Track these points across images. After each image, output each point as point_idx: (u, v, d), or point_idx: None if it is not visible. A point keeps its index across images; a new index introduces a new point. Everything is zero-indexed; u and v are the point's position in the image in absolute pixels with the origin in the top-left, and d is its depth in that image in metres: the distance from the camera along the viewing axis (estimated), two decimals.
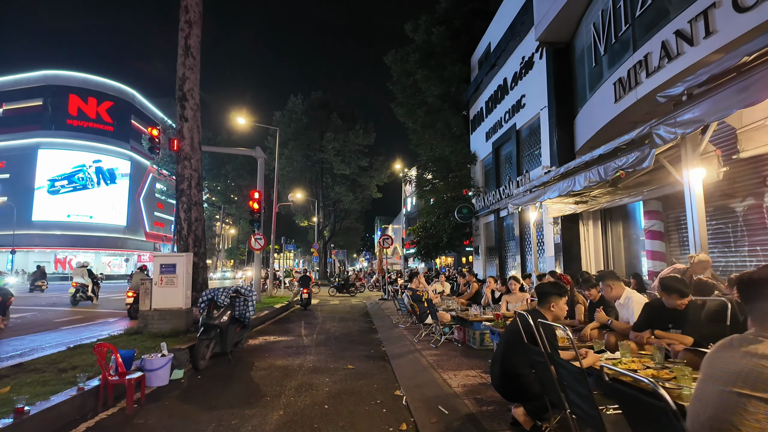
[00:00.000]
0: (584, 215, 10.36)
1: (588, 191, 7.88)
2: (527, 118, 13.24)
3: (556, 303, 3.02)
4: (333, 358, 6.56)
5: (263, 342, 8.08)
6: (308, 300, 15.46)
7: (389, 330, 8.97)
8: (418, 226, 20.94)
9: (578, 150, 10.25)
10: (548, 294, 3.04)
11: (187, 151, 9.40)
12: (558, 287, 3.07)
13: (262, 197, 15.80)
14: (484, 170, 17.90)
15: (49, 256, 50.18)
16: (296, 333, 9.29)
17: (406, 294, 8.87)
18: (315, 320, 11.71)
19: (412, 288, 7.00)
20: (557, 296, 3.03)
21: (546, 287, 3.09)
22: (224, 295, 6.15)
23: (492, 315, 6.18)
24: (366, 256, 49.43)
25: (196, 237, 9.28)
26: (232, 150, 22.00)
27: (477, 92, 17.92)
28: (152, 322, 7.77)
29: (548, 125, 11.34)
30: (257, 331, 9.48)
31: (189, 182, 9.35)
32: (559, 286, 3.07)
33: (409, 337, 7.52)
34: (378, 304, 15.81)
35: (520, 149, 13.94)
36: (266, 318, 11.46)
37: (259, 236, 15.68)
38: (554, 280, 5.56)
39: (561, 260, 10.36)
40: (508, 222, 15.32)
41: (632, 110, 7.59)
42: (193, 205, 9.34)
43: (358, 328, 9.96)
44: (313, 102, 40.93)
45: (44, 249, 50.13)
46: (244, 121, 20.69)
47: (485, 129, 16.97)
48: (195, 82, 9.63)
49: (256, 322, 10.39)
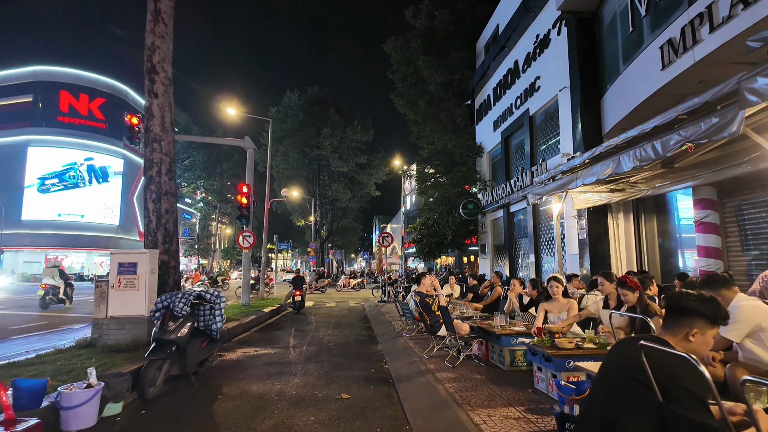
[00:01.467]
0: (614, 207, 9.09)
1: (630, 176, 6.61)
2: (542, 102, 11.98)
3: (702, 331, 1.71)
4: (324, 380, 5.26)
5: (241, 356, 6.78)
6: (301, 303, 14.17)
7: (392, 340, 7.67)
8: (419, 223, 19.66)
9: (606, 133, 8.98)
10: (690, 313, 1.72)
11: (157, 132, 8.09)
12: (710, 304, 1.73)
13: (251, 191, 14.50)
14: (492, 163, 16.63)
15: (39, 256, 48.73)
16: (283, 343, 7.99)
17: (412, 298, 7.60)
18: (307, 326, 10.42)
19: (420, 292, 5.72)
20: (705, 320, 1.71)
21: (689, 301, 1.73)
22: (183, 301, 4.85)
23: (523, 326, 4.90)
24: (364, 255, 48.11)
25: (167, 232, 7.98)
26: (218, 140, 20.69)
27: (483, 79, 16.65)
28: (108, 332, 6.47)
29: (570, 107, 10.07)
30: (239, 341, 8.18)
31: (159, 168, 8.06)
32: (712, 304, 1.74)
33: (416, 350, 6.23)
34: (377, 307, 14.51)
35: (534, 137, 12.67)
36: (252, 324, 10.15)
37: (248, 233, 14.37)
38: (608, 282, 4.27)
39: (587, 259, 9.09)
40: (519, 218, 14.05)
41: (683, 78, 6.34)
42: (164, 195, 8.04)
43: (356, 337, 8.67)
44: (309, 97, 39.67)
45: (34, 249, 48.74)
46: (234, 111, 19.38)
47: (493, 118, 15.70)
48: (167, 52, 8.33)
49: (239, 329, 9.10)
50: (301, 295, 14.03)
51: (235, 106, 19.92)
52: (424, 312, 5.63)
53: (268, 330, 9.83)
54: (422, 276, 5.78)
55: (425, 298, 5.59)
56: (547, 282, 4.92)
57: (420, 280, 5.80)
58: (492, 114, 15.88)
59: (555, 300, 4.76)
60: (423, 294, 5.66)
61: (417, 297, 5.73)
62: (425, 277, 5.85)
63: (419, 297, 5.65)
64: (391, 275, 22.11)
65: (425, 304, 5.56)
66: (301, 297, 14.07)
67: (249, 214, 14.43)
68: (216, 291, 5.43)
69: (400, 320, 9.48)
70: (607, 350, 3.51)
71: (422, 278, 5.86)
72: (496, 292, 7.91)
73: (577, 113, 9.56)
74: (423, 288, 5.79)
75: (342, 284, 26.41)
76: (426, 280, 5.86)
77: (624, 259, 8.95)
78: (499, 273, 8.23)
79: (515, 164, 14.30)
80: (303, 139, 37.49)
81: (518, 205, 13.43)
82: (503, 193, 13.81)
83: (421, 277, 5.83)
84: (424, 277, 5.84)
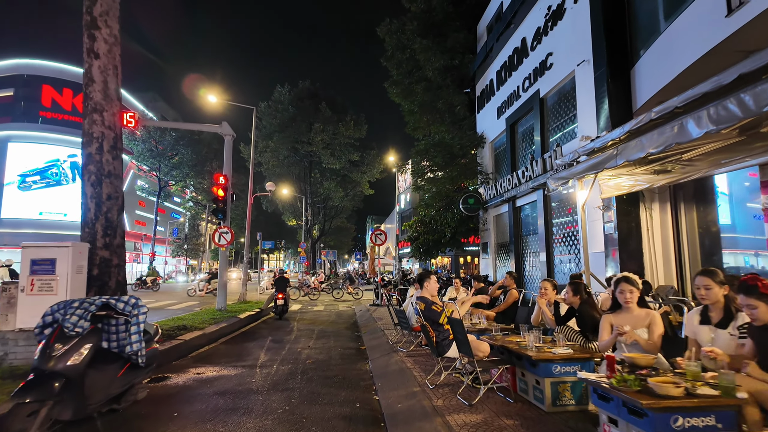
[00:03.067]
0: (646, 195, 7.73)
1: (688, 149, 5.21)
2: (555, 80, 10.60)
3: None
4: (288, 424, 3.79)
5: (190, 380, 5.28)
6: (284, 307, 12.67)
7: (385, 356, 6.22)
8: (415, 220, 18.23)
9: (638, 109, 7.61)
10: None
11: (98, 101, 6.60)
12: None
13: (228, 182, 12.99)
14: (494, 154, 15.24)
15: (19, 256, 46.76)
16: (251, 360, 6.51)
17: (411, 305, 6.16)
18: (287, 336, 8.94)
19: (424, 298, 4.27)
20: None
21: None
22: (79, 314, 3.38)
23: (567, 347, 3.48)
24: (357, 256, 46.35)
25: (109, 222, 6.49)
26: (193, 126, 19.17)
27: (485, 62, 15.27)
28: (15, 349, 4.99)
29: (591, 83, 8.71)
30: (196, 357, 6.68)
31: (100, 144, 6.57)
32: None
33: (416, 374, 4.79)
34: (369, 312, 13.06)
35: (545, 121, 11.29)
36: (220, 334, 8.65)
37: (225, 230, 12.86)
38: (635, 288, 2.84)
39: (614, 258, 7.71)
40: (527, 212, 12.66)
41: (759, 24, 4.98)
42: (106, 177, 6.55)
43: (342, 351, 7.20)
44: (300, 92, 38.16)
45: (15, 249, 46.61)
46: (216, 99, 17.88)
47: (496, 104, 14.32)
48: (111, 4, 6.84)
49: (202, 341, 7.61)
50: (284, 298, 12.52)
51: (218, 94, 18.45)
52: (427, 324, 4.19)
53: (238, 341, 8.34)
54: (425, 277, 4.33)
55: (431, 306, 4.14)
56: (614, 284, 3.47)
57: (423, 281, 4.36)
58: (495, 100, 14.50)
59: (627, 310, 3.29)
60: (428, 301, 4.20)
61: (419, 304, 4.28)
62: (429, 278, 4.39)
63: (423, 304, 4.20)
64: (385, 276, 20.64)
65: (431, 315, 4.11)
66: (284, 301, 12.57)
67: (226, 208, 12.92)
68: (134, 298, 3.96)
69: (395, 330, 8.05)
70: (738, 397, 2.09)
71: (425, 280, 4.38)
72: (511, 297, 6.50)
73: (603, 87, 8.19)
74: (427, 292, 4.33)
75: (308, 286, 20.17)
76: (430, 283, 4.40)
77: (660, 257, 7.58)
78: (512, 273, 6.82)
79: (522, 153, 12.92)
80: (293, 135, 35.95)
81: (526, 198, 12.05)
82: (509, 185, 12.42)
83: (424, 278, 4.37)
84: (428, 278, 4.38)
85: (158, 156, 42.79)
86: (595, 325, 3.91)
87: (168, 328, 7.51)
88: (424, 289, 4.38)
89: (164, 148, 42.73)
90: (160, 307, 14.94)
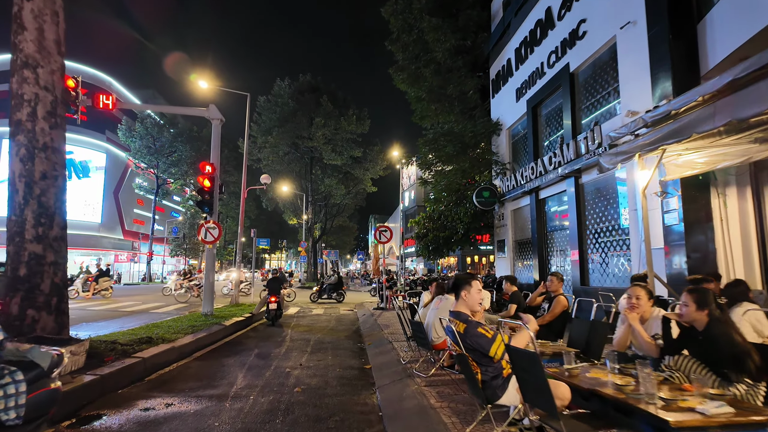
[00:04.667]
0: (719, 178, 6.26)
1: None
2: (590, 51, 9.16)
3: None
4: None
5: (128, 425, 3.78)
6: (278, 312, 11.23)
7: (398, 383, 4.75)
8: (422, 216, 16.78)
9: (710, 70, 6.14)
10: None
11: (30, 53, 5.18)
12: None
13: (215, 172, 11.56)
14: (512, 141, 13.78)
15: None
16: (223, 386, 5.06)
17: (442, 322, 4.69)
18: (276, 349, 7.51)
19: (463, 315, 2.81)
20: None
21: None
22: None
23: (731, 406, 2.04)
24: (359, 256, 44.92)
25: (43, 209, 5.07)
26: (178, 109, 17.76)
27: (502, 40, 13.82)
28: None
29: (644, 45, 7.24)
30: (154, 383, 5.23)
31: (32, 109, 5.14)
32: None
33: (447, 420, 3.21)
34: (373, 317, 11.61)
35: (577, 99, 9.83)
36: (197, 346, 7.21)
37: (212, 225, 11.42)
38: None
39: (679, 255, 6.23)
40: (552, 205, 11.19)
41: None
42: (40, 151, 5.12)
43: (341, 372, 5.74)
44: (301, 86, 36.73)
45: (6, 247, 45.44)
46: (207, 84, 16.47)
47: (515, 85, 12.86)
48: None
49: (171, 356, 6.17)
50: (277, 302, 11.07)
51: (210, 80, 17.05)
52: (469, 355, 2.71)
53: (216, 356, 6.89)
54: (464, 283, 2.80)
55: (476, 330, 2.66)
56: None
57: (460, 289, 2.84)
58: (513, 81, 13.05)
59: None
60: (469, 321, 2.71)
61: (456, 324, 2.76)
62: (469, 284, 2.85)
63: (461, 324, 2.68)
64: (389, 277, 19.14)
65: (476, 342, 2.59)
66: (278, 305, 11.12)
67: (213, 201, 11.49)
68: None
69: (406, 343, 6.59)
70: None
71: (464, 286, 2.83)
72: (560, 305, 5.04)
73: (662, 49, 6.72)
74: (466, 306, 2.85)
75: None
76: (471, 292, 2.84)
77: (738, 253, 6.10)
78: (558, 275, 5.36)
79: (547, 138, 11.45)
80: (294, 129, 34.51)
81: (553, 188, 10.58)
82: (532, 174, 10.96)
83: (462, 284, 2.82)
84: (467, 284, 2.83)
85: (156, 153, 41.46)
86: (738, 356, 2.46)
87: (126, 341, 6.08)
88: (461, 300, 2.89)
89: (162, 145, 41.39)
90: (144, 310, 13.54)
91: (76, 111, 12.03)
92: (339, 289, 18.77)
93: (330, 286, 18.88)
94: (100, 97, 12.04)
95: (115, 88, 54.32)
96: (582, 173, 9.31)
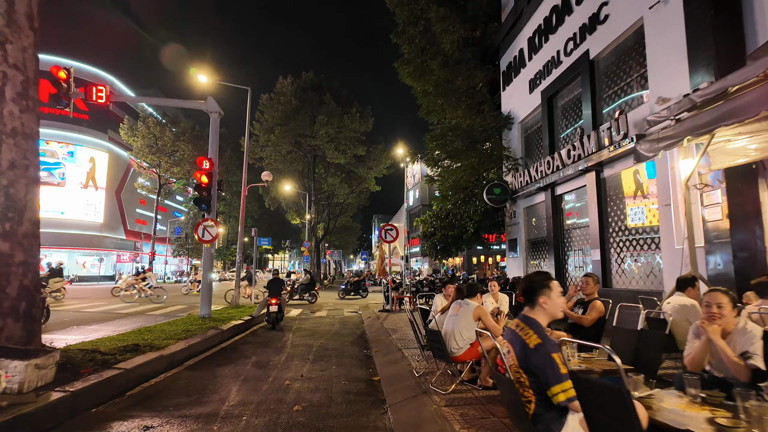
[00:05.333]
0: None
1: None
2: (612, 36, 8.52)
3: None
4: None
5: None
6: (279, 315, 10.66)
7: (412, 401, 4.14)
8: (429, 215, 16.15)
9: (759, 48, 5.50)
10: None
11: None
12: None
13: (213, 167, 11.00)
14: (524, 135, 13.15)
15: None
16: (214, 403, 4.47)
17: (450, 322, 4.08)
18: (276, 356, 6.91)
19: (538, 324, 2.18)
20: None
21: None
22: None
23: None
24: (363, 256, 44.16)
25: (11, 202, 4.51)
26: (176, 102, 17.19)
27: (514, 30, 13.18)
28: None
29: (680, 23, 6.61)
30: (136, 398, 4.65)
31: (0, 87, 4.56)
32: None
33: None
34: (379, 321, 11.01)
35: (597, 88, 9.19)
36: (189, 354, 6.63)
37: (210, 223, 10.85)
38: None
39: (723, 254, 5.59)
40: (571, 200, 10.55)
41: None
42: (8, 137, 4.56)
43: (346, 386, 5.13)
44: (304, 83, 36.20)
45: None
46: (206, 79, 15.90)
47: (528, 76, 12.23)
48: None
49: (159, 365, 5.60)
50: (278, 304, 10.49)
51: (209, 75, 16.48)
52: (525, 378, 2.03)
53: (210, 365, 6.30)
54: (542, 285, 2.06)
55: (552, 354, 2.00)
56: None
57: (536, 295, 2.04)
58: (526, 72, 12.41)
59: None
60: (548, 339, 2.11)
61: (529, 335, 1.98)
62: (547, 287, 2.10)
63: (536, 340, 1.91)
64: (395, 278, 18.52)
65: (541, 370, 2.01)
66: (278, 307, 10.54)
67: (210, 198, 10.92)
68: None
69: (420, 352, 5.98)
70: None
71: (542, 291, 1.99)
72: (596, 311, 4.41)
73: (702, 27, 6.08)
74: (544, 316, 2.25)
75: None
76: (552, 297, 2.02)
77: None
78: (594, 276, 4.73)
79: (564, 131, 10.82)
80: (296, 128, 33.97)
81: (571, 183, 9.95)
82: (548, 169, 10.32)
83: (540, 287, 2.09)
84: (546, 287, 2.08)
85: (158, 152, 41.06)
86: None
87: (109, 349, 5.49)
88: (539, 308, 2.16)
89: (164, 144, 40.97)
90: (141, 312, 13.01)
91: (68, 104, 11.53)
92: (311, 289, 18.27)
93: (302, 286, 18.37)
94: (94, 89, 11.48)
95: (117, 87, 54.00)
96: (604, 167, 8.68)
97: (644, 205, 7.69)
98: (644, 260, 7.74)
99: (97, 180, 49.85)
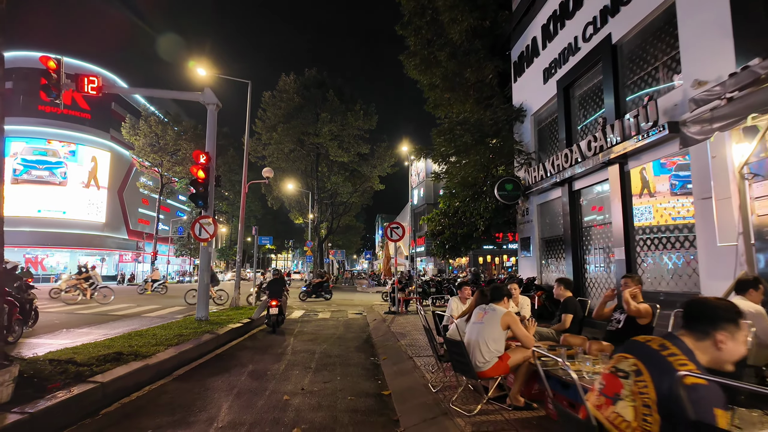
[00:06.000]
0: None
1: None
2: (638, 18, 7.88)
3: None
4: None
5: None
6: (279, 318, 10.08)
7: (431, 428, 3.53)
8: (436, 213, 15.54)
9: None
10: None
11: None
12: None
13: (210, 162, 10.44)
14: (537, 128, 12.50)
15: (17, 255, 44.95)
16: (201, 424, 3.88)
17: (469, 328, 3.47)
18: (274, 365, 6.32)
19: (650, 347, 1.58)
20: None
21: None
22: None
23: None
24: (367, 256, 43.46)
25: None
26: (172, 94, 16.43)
27: (526, 17, 12.54)
28: None
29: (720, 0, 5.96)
30: (111, 417, 4.07)
31: None
32: None
33: None
34: (385, 323, 10.42)
35: (620, 75, 8.55)
36: (180, 362, 6.05)
37: (207, 220, 10.28)
38: None
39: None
40: (590, 196, 9.90)
41: None
42: None
43: (353, 402, 4.52)
44: (307, 80, 35.67)
45: (12, 247, 44.89)
46: (205, 72, 15.36)
47: (542, 65, 11.59)
48: None
49: (146, 375, 5.03)
50: (278, 306, 9.91)
51: (209, 69, 15.95)
52: (660, 419, 1.40)
53: (201, 374, 5.71)
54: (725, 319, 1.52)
55: (713, 393, 1.26)
56: None
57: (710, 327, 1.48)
58: (540, 61, 11.77)
59: None
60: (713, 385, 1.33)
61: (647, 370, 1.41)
62: (733, 322, 1.60)
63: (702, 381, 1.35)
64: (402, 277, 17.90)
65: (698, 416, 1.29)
66: (279, 309, 9.96)
67: (208, 194, 10.36)
68: None
69: (432, 359, 5.37)
70: None
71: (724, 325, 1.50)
72: (644, 316, 3.77)
73: None
74: (715, 361, 1.38)
75: None
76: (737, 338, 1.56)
77: None
78: (636, 277, 4.11)
79: (583, 122, 10.17)
80: (299, 125, 33.41)
81: (591, 177, 9.31)
82: (565, 162, 9.68)
83: (723, 321, 1.51)
84: (731, 322, 1.55)
85: (160, 151, 40.66)
86: None
87: (86, 359, 4.90)
88: (709, 343, 1.45)
89: (166, 143, 40.56)
90: (137, 314, 12.48)
91: (58, 96, 11.01)
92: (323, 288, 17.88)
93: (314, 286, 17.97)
94: (85, 79, 10.92)
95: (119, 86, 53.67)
96: (629, 158, 8.03)
97: (650, 203, 7.12)
98: (677, 260, 7.10)
99: (99, 179, 49.52)
